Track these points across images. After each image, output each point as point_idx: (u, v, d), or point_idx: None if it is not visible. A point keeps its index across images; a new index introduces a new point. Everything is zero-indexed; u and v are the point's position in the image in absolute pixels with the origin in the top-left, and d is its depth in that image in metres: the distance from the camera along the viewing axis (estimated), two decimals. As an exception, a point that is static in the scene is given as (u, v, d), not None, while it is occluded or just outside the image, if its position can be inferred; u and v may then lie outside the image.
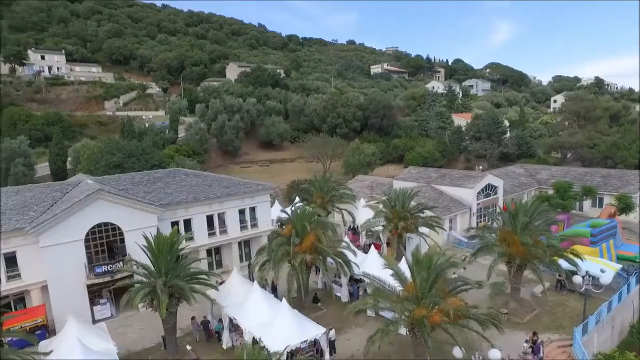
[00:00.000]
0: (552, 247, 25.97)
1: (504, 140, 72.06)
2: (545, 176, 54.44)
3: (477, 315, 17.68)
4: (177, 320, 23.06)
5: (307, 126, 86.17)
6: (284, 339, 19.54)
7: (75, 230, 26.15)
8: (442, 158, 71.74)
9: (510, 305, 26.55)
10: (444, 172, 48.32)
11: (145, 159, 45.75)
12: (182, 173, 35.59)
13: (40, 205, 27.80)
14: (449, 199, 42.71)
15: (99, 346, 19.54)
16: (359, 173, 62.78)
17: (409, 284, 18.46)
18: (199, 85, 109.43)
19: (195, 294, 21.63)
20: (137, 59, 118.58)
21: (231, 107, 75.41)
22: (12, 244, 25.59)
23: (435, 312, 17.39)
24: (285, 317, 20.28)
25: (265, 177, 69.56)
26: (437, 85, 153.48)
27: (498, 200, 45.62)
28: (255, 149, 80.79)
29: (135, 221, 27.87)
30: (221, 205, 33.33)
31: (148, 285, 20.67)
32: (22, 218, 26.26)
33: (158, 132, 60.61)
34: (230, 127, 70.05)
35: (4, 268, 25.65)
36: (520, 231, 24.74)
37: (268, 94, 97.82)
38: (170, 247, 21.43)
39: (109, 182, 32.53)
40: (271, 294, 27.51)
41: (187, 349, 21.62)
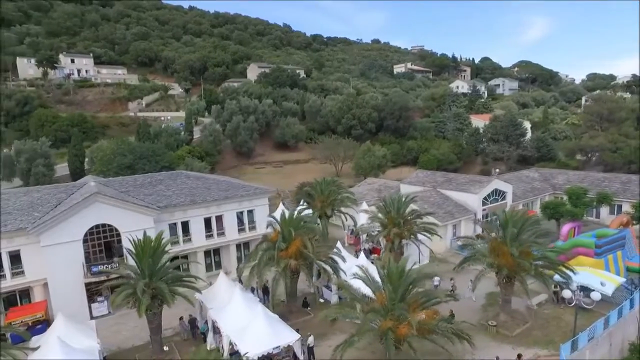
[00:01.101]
0: (545, 258, 25.16)
1: (523, 142, 69.82)
2: (561, 181, 52.47)
3: (445, 329, 17.39)
4: (165, 320, 23.82)
5: (323, 127, 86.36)
6: (256, 344, 19.89)
7: (74, 230, 27.41)
8: (457, 160, 70.32)
9: (500, 318, 25.86)
10: (451, 177, 47.43)
11: (156, 161, 47.23)
12: (183, 176, 36.55)
13: (44, 206, 29.28)
14: (453, 204, 41.93)
15: (82, 344, 20.47)
16: (369, 175, 62.46)
17: (379, 294, 18.37)
18: (220, 86, 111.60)
19: (183, 296, 22.43)
20: (161, 60, 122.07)
21: (246, 108, 76.54)
22: (16, 243, 27.12)
23: (404, 325, 17.24)
24: (260, 322, 20.59)
25: (278, 178, 70.34)
26: (461, 85, 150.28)
27: (507, 206, 44.38)
28: (270, 149, 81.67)
29: (131, 223, 28.90)
30: (219, 208, 34.05)
31: (131, 286, 21.45)
32: (26, 218, 27.75)
33: (172, 133, 62.34)
34: (245, 128, 71.13)
35: (9, 265, 27.22)
36: (509, 242, 24.07)
37: (286, 95, 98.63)
38: (153, 250, 22.14)
39: (112, 183, 33.91)
40: (261, 297, 28.01)
41: (164, 350, 22.23)
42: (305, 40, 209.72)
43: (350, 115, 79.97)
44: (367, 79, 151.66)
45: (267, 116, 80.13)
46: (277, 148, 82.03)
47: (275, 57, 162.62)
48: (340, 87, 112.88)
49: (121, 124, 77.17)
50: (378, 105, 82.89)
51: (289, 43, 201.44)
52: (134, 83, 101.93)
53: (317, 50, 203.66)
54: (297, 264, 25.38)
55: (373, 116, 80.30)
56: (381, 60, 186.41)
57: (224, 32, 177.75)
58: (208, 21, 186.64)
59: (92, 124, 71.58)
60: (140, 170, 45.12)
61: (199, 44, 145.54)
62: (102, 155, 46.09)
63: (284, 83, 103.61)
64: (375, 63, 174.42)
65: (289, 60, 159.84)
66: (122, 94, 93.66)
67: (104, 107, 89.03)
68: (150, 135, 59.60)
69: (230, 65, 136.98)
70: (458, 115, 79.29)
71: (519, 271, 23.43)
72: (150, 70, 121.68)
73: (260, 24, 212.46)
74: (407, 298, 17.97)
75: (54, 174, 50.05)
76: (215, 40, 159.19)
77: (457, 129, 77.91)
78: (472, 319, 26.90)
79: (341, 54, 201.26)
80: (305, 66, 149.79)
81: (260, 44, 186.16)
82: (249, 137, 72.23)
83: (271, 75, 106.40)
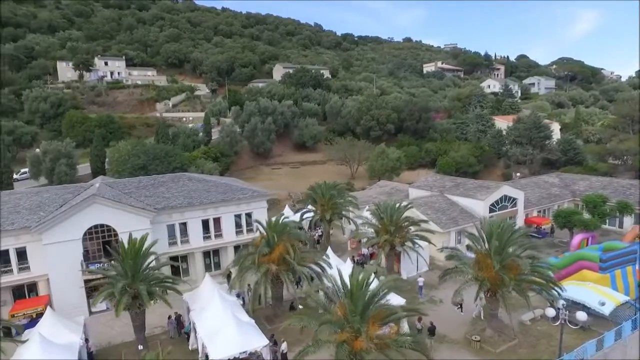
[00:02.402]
0: (536, 273, 24.08)
1: (548, 145, 66.67)
2: (583, 187, 49.79)
3: (404, 343, 17.07)
4: (157, 318, 24.95)
5: (343, 128, 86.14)
6: (224, 348, 20.32)
7: (73, 230, 28.92)
8: (477, 164, 68.16)
9: (486, 333, 25.01)
10: (460, 181, 46.13)
11: (168, 162, 48.88)
12: (185, 178, 37.61)
13: (51, 206, 31.01)
14: (459, 211, 40.80)
15: (64, 339, 21.60)
16: (383, 178, 61.79)
17: (339, 305, 18.28)
18: (245, 87, 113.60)
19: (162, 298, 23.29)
20: (190, 61, 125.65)
21: (265, 109, 77.53)
22: (22, 240, 28.95)
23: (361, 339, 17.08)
24: (231, 327, 21.00)
25: (293, 179, 70.85)
26: (492, 84, 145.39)
27: (517, 213, 42.74)
28: (289, 150, 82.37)
29: (128, 223, 30.12)
30: (216, 210, 34.84)
31: (112, 286, 22.44)
32: (32, 217, 29.53)
33: (190, 134, 64.18)
34: (262, 129, 72.09)
35: (16, 261, 29.14)
36: (493, 255, 23.23)
37: (309, 95, 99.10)
38: (134, 252, 23.04)
39: (117, 185, 35.44)
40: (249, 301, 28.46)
41: (139, 349, 23.08)
42: (335, 40, 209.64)
43: (369, 116, 79.29)
44: (396, 78, 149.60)
45: (286, 117, 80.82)
46: (296, 149, 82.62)
47: (303, 57, 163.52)
48: (364, 87, 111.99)
49: (146, 124, 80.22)
50: (398, 107, 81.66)
51: (318, 43, 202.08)
52: (163, 84, 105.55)
53: (346, 49, 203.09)
54: (278, 269, 25.61)
55: (392, 117, 79.23)
56: (411, 59, 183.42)
57: (254, 33, 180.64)
58: (239, 22, 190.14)
59: (118, 124, 74.87)
60: (153, 171, 46.84)
61: (228, 45, 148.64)
62: (117, 156, 48.26)
63: (307, 83, 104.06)
64: (405, 62, 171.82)
65: (317, 60, 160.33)
66: (150, 95, 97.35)
67: (132, 108, 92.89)
68: (169, 136, 61.65)
69: (258, 65, 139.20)
70: (480, 117, 76.69)
71: (500, 286, 22.56)
72: (179, 72, 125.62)
73: (291, 23, 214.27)
74: (368, 311, 17.72)
75: (76, 173, 52.86)
76: (245, 41, 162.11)
77: (479, 130, 75.43)
78: (458, 333, 26.26)
79: (371, 53, 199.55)
80: (332, 66, 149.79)
81: (290, 43, 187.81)
82: (266, 138, 73.20)
83: (295, 76, 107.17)
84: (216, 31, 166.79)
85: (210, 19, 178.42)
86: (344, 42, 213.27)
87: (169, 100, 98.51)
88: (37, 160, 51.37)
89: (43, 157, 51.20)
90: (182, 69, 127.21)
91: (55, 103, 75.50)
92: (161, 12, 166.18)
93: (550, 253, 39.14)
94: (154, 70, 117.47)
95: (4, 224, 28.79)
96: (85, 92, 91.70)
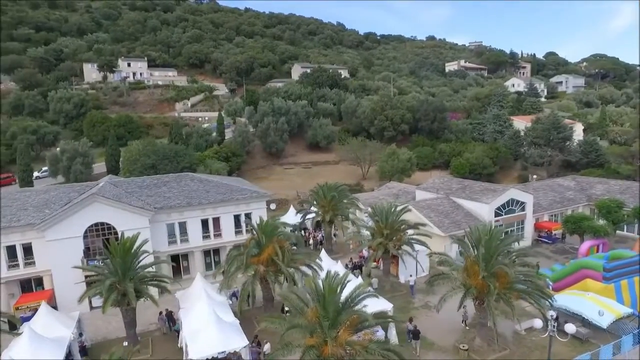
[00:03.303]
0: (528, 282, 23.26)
1: (567, 146, 64.20)
2: (600, 191, 47.71)
3: (372, 351, 16.87)
4: (153, 315, 25.54)
5: (357, 128, 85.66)
6: (203, 347, 20.64)
7: (75, 227, 30.00)
8: (492, 165, 66.36)
9: (475, 342, 24.36)
10: (467, 184, 45.06)
11: (177, 161, 49.93)
12: (188, 178, 38.33)
13: (56, 204, 32.25)
14: (463, 214, 39.89)
15: (55, 333, 22.41)
16: (394, 179, 61.09)
17: (310, 311, 18.24)
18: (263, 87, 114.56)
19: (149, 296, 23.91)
20: (210, 62, 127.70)
21: (279, 109, 77.98)
22: (28, 237, 30.29)
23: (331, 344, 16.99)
24: (212, 326, 21.29)
25: (304, 179, 70.98)
26: (517, 83, 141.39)
27: (525, 218, 41.39)
28: (302, 150, 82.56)
29: (127, 222, 30.98)
30: (215, 210, 35.38)
31: (101, 284, 23.16)
32: (38, 214, 30.82)
33: (203, 134, 65.31)
34: (275, 129, 72.56)
35: (22, 256, 30.50)
36: (480, 262, 22.60)
37: (325, 95, 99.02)
38: (124, 251, 23.68)
39: (121, 184, 36.50)
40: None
41: (123, 345, 23.70)
42: (357, 39, 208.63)
43: (383, 116, 78.50)
44: (417, 77, 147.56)
45: (300, 117, 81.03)
46: (309, 149, 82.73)
47: (323, 56, 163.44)
48: (382, 86, 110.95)
49: (164, 124, 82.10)
50: (413, 107, 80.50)
51: (340, 42, 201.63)
52: (182, 84, 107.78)
53: (368, 48, 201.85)
54: (266, 270, 25.76)
55: (407, 117, 78.17)
56: (434, 58, 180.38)
57: (276, 33, 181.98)
58: (262, 22, 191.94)
59: (137, 124, 77.03)
60: (162, 170, 47.97)
61: (249, 45, 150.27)
62: (128, 156, 49.68)
63: (324, 83, 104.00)
64: (426, 61, 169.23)
65: (337, 59, 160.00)
66: (170, 95, 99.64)
67: (152, 108, 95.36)
68: (182, 136, 62.95)
69: (278, 65, 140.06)
70: (498, 117, 74.54)
71: (486, 294, 21.92)
72: (200, 72, 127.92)
73: (313, 23, 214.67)
74: (339, 317, 17.58)
75: (92, 172, 54.76)
76: (267, 41, 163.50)
77: (496, 131, 73.37)
78: (448, 340, 25.70)
79: (393, 52, 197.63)
80: (351, 65, 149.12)
81: (311, 43, 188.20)
82: (278, 138, 73.63)
83: (312, 76, 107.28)
84: (238, 31, 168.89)
85: (233, 20, 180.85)
86: (366, 41, 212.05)
87: (188, 100, 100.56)
88: (55, 159, 53.55)
89: (61, 155, 53.31)
90: (202, 70, 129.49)
91: (78, 104, 78.42)
92: (185, 14, 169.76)
93: (558, 259, 37.80)
94: (175, 70, 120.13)
95: (12, 221, 30.20)
96: (108, 93, 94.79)
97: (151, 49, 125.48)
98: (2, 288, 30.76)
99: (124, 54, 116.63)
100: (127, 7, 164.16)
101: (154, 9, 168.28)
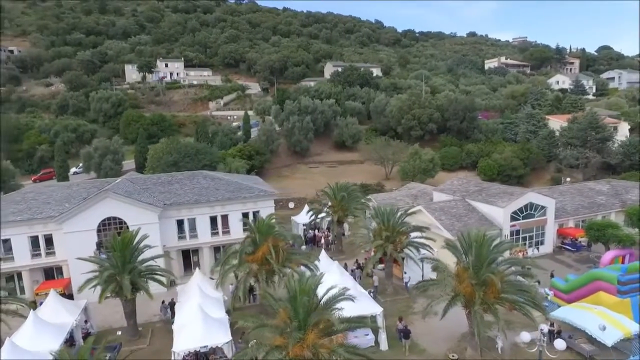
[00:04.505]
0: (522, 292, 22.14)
1: (606, 148, 60.01)
2: (636, 196, 44.28)
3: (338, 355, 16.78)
4: (154, 307, 26.78)
5: (385, 127, 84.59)
6: (186, 341, 21.36)
7: (89, 221, 31.88)
8: (523, 167, 63.31)
9: (467, 352, 23.50)
10: (485, 186, 43.34)
11: (198, 159, 51.57)
12: (201, 176, 39.54)
13: (76, 198, 34.37)
14: (477, 217, 38.41)
15: (59, 319, 23.99)
16: (415, 180, 59.83)
17: (282, 311, 18.38)
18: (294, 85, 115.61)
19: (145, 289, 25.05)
20: (245, 61, 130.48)
21: (305, 108, 78.44)
22: (49, 228, 32.52)
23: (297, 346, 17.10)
24: (198, 321, 21.98)
25: (327, 178, 70.67)
26: (562, 80, 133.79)
27: (546, 223, 39.23)
28: (328, 149, 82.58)
29: (138, 217, 32.51)
30: (223, 208, 36.30)
31: (99, 276, 24.50)
32: (58, 208, 33.01)
33: (228, 132, 66.98)
34: (300, 128, 73.10)
35: (44, 246, 32.84)
36: (470, 268, 21.79)
37: (355, 94, 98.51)
38: (122, 246, 24.88)
39: (138, 181, 38.26)
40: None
41: (117, 334, 24.88)
42: (394, 37, 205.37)
43: (410, 115, 76.96)
44: (454, 75, 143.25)
45: (327, 116, 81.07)
46: (335, 148, 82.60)
47: (358, 54, 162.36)
48: (415, 85, 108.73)
49: (195, 122, 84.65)
50: (442, 106, 78.29)
51: (377, 40, 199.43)
52: (216, 84, 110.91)
53: (406, 46, 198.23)
54: (259, 269, 26.14)
55: (435, 117, 76.17)
56: (473, 55, 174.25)
57: (312, 31, 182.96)
58: (299, 21, 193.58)
59: (169, 122, 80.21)
60: (183, 167, 49.75)
61: (284, 44, 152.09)
62: (153, 154, 51.95)
63: (355, 82, 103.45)
64: (465, 58, 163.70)
65: (372, 57, 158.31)
66: (203, 94, 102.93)
67: (186, 107, 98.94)
68: (207, 134, 64.91)
69: (312, 64, 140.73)
70: (531, 116, 70.81)
71: (473, 302, 21.09)
72: (235, 71, 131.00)
73: (350, 21, 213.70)
74: (309, 319, 17.60)
75: (121, 168, 57.77)
76: (303, 40, 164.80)
77: (528, 131, 69.83)
78: (440, 348, 24.97)
79: (431, 49, 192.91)
80: (385, 64, 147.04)
81: (347, 41, 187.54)
82: (303, 137, 74.10)
83: (342, 74, 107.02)
84: (275, 31, 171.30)
85: (270, 19, 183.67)
86: (403, 38, 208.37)
87: (220, 99, 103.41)
88: (88, 156, 56.98)
89: (94, 152, 56.64)
90: (237, 69, 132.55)
91: (116, 103, 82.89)
92: (224, 15, 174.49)
93: (580, 269, 35.55)
94: (210, 70, 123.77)
95: (35, 213, 32.58)
96: (146, 92, 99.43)
97: (189, 50, 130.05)
98: (28, 274, 33.34)
99: (162, 55, 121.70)
100: (169, 10, 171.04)
101: (194, 11, 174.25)
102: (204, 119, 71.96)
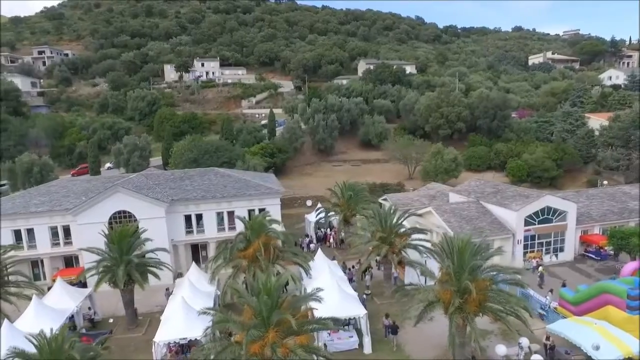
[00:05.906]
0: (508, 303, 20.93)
1: (652, 149, 55.24)
2: (674, 203, 40.52)
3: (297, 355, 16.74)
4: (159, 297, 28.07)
5: (413, 126, 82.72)
6: (167, 332, 22.12)
7: (101, 214, 33.69)
8: (556, 168, 59.64)
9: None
10: (501, 188, 41.36)
11: (217, 156, 52.98)
12: (212, 173, 40.64)
13: (93, 192, 36.42)
14: (489, 221, 36.76)
15: (61, 305, 25.59)
16: (437, 180, 58.09)
17: (247, 309, 18.56)
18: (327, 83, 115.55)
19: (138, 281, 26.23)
20: (280, 60, 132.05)
21: (332, 106, 78.30)
22: (67, 220, 34.74)
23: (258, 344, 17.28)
24: (178, 314, 22.71)
25: (349, 177, 69.87)
26: (615, 75, 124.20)
27: (566, 229, 36.79)
28: (354, 147, 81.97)
29: (146, 211, 34.01)
30: (229, 204, 37.13)
31: (96, 267, 25.88)
32: (75, 201, 35.18)
33: (252, 130, 68.22)
34: (324, 126, 73.10)
35: (63, 236, 35.15)
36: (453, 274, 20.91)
37: (386, 92, 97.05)
38: (119, 240, 26.12)
39: (152, 176, 39.96)
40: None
41: (109, 321, 26.09)
42: (434, 33, 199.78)
43: (438, 113, 74.71)
44: (495, 72, 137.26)
45: (353, 114, 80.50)
46: (361, 146, 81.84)
47: (394, 52, 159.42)
48: (449, 82, 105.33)
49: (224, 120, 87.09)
50: (472, 103, 75.31)
51: (416, 37, 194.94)
52: (250, 82, 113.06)
53: (446, 42, 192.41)
54: (248, 265, 26.51)
55: (464, 115, 73.46)
56: (517, 51, 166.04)
57: (350, 29, 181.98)
58: (337, 19, 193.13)
59: (200, 120, 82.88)
60: (203, 164, 51.30)
61: (320, 43, 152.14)
62: (176, 150, 53.96)
63: (386, 79, 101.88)
64: (507, 54, 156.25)
65: (409, 55, 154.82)
66: (236, 93, 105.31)
67: (219, 105, 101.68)
68: (232, 132, 66.43)
69: (347, 62, 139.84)
70: (568, 114, 66.29)
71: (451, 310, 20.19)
72: (269, 70, 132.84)
73: (390, 18, 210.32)
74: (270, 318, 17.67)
75: (148, 164, 60.45)
76: (339, 38, 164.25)
77: (564, 130, 65.52)
78: (427, 355, 24.17)
79: (472, 45, 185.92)
80: (422, 61, 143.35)
81: (385, 39, 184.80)
82: (328, 135, 74.03)
83: (374, 72, 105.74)
84: (312, 29, 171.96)
85: (308, 18, 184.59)
86: (444, 34, 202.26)
87: (253, 97, 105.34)
88: (118, 152, 60.13)
89: (123, 149, 59.71)
90: (272, 67, 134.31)
91: (151, 102, 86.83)
92: (262, 14, 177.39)
93: (601, 280, 33.07)
94: (244, 69, 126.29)
95: (54, 205, 34.92)
96: (182, 91, 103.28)
97: (225, 49, 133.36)
98: (48, 262, 35.88)
99: (200, 55, 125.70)
100: (210, 11, 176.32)
101: (234, 11, 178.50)
102: (228, 117, 73.57)
